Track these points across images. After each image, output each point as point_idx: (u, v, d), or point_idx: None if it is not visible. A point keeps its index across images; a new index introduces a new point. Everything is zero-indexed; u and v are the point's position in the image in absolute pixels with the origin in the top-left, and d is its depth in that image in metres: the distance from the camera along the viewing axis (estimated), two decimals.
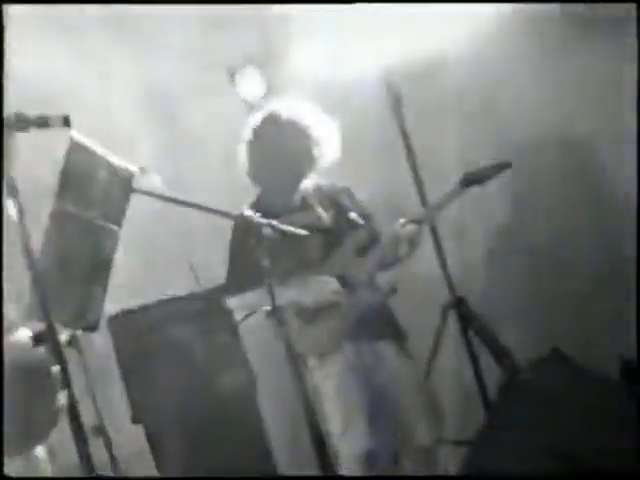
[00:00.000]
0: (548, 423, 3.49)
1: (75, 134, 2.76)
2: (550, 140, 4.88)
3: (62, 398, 2.51)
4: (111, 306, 3.32)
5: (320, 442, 3.21)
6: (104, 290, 2.92)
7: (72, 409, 2.47)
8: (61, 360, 2.49)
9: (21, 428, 3.21)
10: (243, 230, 3.40)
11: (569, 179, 4.93)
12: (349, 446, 3.90)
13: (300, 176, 4.15)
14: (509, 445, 3.57)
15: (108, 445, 3.84)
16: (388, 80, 4.58)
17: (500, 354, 4.39)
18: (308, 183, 4.17)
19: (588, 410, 3.54)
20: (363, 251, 4.07)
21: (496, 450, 3.60)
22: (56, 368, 2.49)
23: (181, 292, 4.56)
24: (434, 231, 4.58)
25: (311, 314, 3.99)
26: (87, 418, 3.04)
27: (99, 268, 2.93)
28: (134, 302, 4.48)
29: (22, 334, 3.30)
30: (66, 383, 2.47)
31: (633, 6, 4.14)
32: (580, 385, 3.86)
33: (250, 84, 5.09)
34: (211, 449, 4.30)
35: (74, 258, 2.78)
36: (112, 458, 3.84)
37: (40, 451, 3.39)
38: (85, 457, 2.46)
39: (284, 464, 4.51)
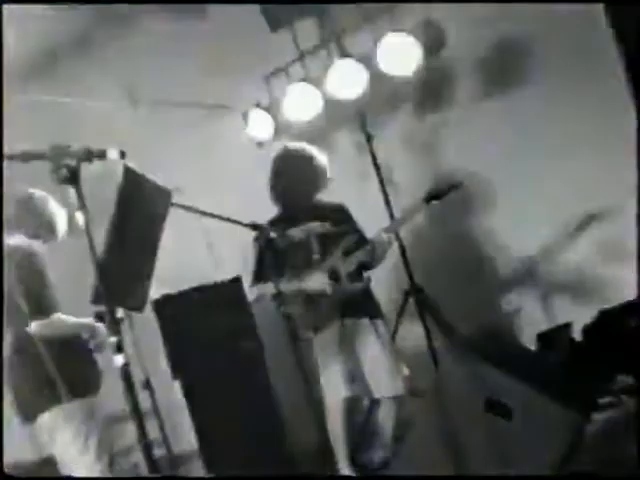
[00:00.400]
0: (482, 378, 3.55)
1: (128, 163, 2.80)
2: None
3: (119, 360, 2.52)
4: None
5: (310, 390, 3.28)
6: (149, 280, 2.96)
7: (125, 368, 2.50)
8: (117, 332, 2.53)
9: (72, 381, 3.32)
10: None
11: None
12: (332, 394, 3.97)
13: (308, 197, 4.21)
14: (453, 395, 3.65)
15: (152, 396, 3.92)
16: (362, 121, 4.65)
17: (446, 328, 4.45)
18: (314, 201, 4.25)
19: (513, 368, 3.59)
20: (350, 253, 4.13)
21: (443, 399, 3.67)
22: (114, 338, 2.52)
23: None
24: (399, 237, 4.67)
25: (309, 299, 4.05)
26: (136, 376, 3.11)
27: (145, 263, 2.97)
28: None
29: (58, 316, 3.40)
30: (121, 349, 2.51)
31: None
32: (508, 350, 3.94)
33: (259, 125, 5.13)
34: (231, 396, 4.36)
35: (128, 256, 2.82)
36: (155, 407, 3.91)
37: (93, 399, 3.48)
38: (134, 405, 2.50)
39: (285, 404, 4.57)
